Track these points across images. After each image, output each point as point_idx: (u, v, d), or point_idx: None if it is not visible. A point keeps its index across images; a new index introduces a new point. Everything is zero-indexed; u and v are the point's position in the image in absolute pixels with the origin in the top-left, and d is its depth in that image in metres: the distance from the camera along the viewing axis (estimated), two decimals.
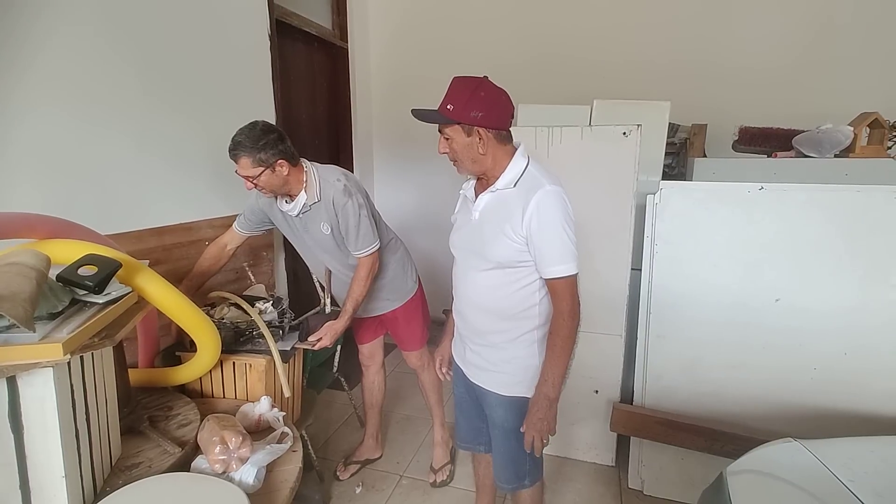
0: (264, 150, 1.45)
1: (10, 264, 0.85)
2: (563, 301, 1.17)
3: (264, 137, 1.45)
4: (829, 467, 0.96)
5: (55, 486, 0.95)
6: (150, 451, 1.23)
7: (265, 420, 1.43)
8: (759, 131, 2.00)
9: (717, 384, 1.82)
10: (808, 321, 1.70)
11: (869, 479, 0.92)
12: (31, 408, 0.91)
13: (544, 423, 1.20)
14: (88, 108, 1.58)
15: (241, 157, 1.46)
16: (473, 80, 1.14)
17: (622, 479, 2.01)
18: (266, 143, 1.45)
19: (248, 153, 1.44)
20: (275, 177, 1.49)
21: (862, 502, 0.84)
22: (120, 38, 1.66)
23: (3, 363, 0.81)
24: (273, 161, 1.47)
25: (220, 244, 1.73)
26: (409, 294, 1.89)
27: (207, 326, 1.33)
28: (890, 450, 1.08)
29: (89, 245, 1.13)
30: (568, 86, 2.91)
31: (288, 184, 1.55)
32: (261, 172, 1.46)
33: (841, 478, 0.92)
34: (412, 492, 1.97)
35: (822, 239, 1.66)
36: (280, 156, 1.48)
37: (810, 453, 1.04)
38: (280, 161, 1.48)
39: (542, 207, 1.13)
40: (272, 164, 1.47)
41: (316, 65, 3.02)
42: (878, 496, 0.86)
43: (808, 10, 2.58)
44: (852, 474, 0.93)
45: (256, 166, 1.46)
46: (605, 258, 1.95)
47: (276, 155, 1.47)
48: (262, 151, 1.45)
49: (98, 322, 0.96)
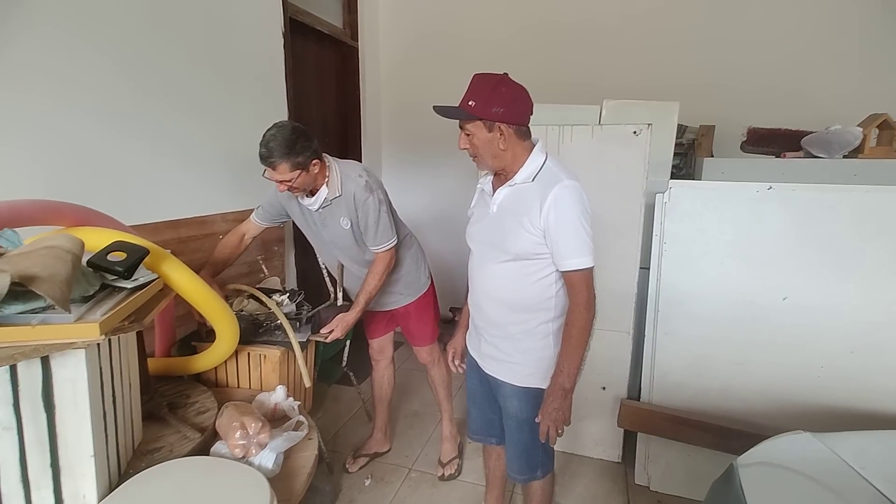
0: (301, 154, 1.45)
1: (48, 247, 0.88)
2: (579, 293, 1.19)
3: (298, 141, 1.45)
4: (842, 457, 0.97)
5: (84, 465, 0.97)
6: (171, 437, 1.26)
7: (281, 409, 1.46)
8: (767, 132, 2.02)
9: (724, 381, 1.84)
10: (815, 319, 1.72)
11: (882, 469, 0.94)
12: (64, 388, 0.93)
13: (560, 413, 1.22)
14: (110, 105, 1.62)
15: (278, 164, 1.44)
16: (495, 76, 1.17)
17: (629, 475, 2.03)
18: (301, 146, 1.45)
19: (286, 159, 1.44)
20: (309, 176, 1.51)
21: (877, 489, 0.86)
22: (139, 36, 1.70)
23: (42, 341, 0.83)
24: (308, 162, 1.48)
25: (238, 233, 1.75)
26: (423, 289, 1.91)
27: (228, 315, 1.36)
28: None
29: (116, 233, 1.15)
30: (577, 86, 2.93)
31: (316, 179, 1.57)
32: (298, 175, 1.47)
33: (855, 467, 0.93)
34: (421, 485, 1.99)
35: (831, 238, 1.68)
36: (313, 156, 1.50)
37: (823, 444, 1.05)
38: (314, 161, 1.50)
39: (559, 201, 1.15)
40: (307, 165, 1.49)
41: (327, 63, 3.05)
42: (891, 484, 0.88)
43: (817, 10, 2.60)
44: (865, 464, 0.95)
45: (294, 170, 1.46)
46: (614, 256, 1.97)
47: (311, 156, 1.49)
48: (300, 155, 1.45)
49: (128, 306, 0.99)
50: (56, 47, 1.45)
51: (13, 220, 1.01)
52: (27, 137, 1.40)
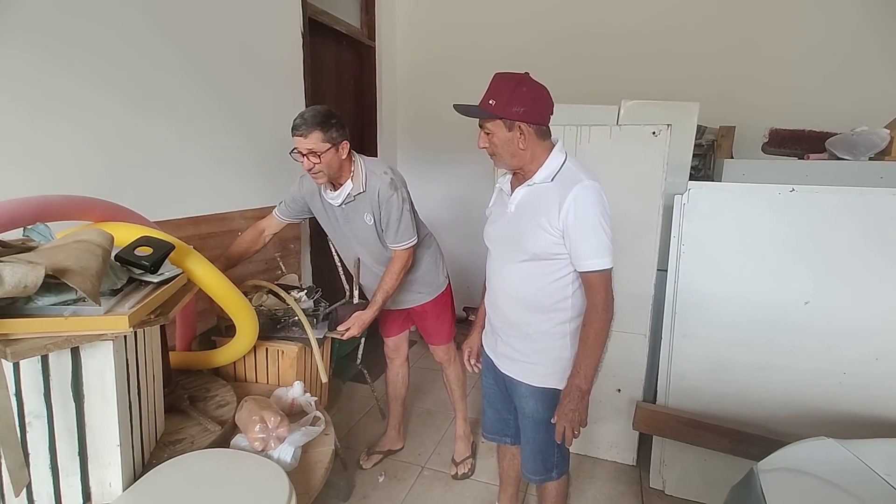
0: (335, 129, 1.50)
1: (80, 241, 0.90)
2: (597, 294, 1.19)
3: (333, 118, 1.52)
4: (867, 464, 0.96)
5: (110, 454, 1.00)
6: (192, 429, 1.28)
7: (298, 404, 1.47)
8: (789, 133, 1.99)
9: (743, 385, 1.81)
10: (839, 324, 1.69)
11: None
12: (92, 378, 0.95)
13: (576, 414, 1.22)
14: (136, 104, 1.66)
15: (312, 132, 1.47)
16: (515, 75, 1.17)
17: (643, 479, 2.02)
18: (336, 122, 1.51)
19: (321, 128, 1.48)
20: (336, 157, 1.53)
21: None
22: (165, 36, 1.73)
23: (74, 333, 0.86)
24: (339, 140, 1.52)
25: (258, 228, 1.78)
26: (440, 289, 1.92)
27: (248, 310, 1.38)
28: None
29: (143, 228, 1.18)
30: (595, 85, 2.91)
31: (342, 168, 1.58)
32: (328, 149, 1.50)
33: (881, 474, 0.92)
34: (434, 483, 2.00)
35: (855, 242, 1.64)
36: (344, 137, 1.54)
37: (847, 451, 1.03)
38: (344, 143, 1.53)
39: (579, 201, 1.15)
40: (339, 143, 1.52)
41: (344, 62, 3.07)
42: None
43: (842, 11, 2.55)
44: (892, 471, 0.93)
45: (325, 142, 1.49)
46: (631, 258, 1.95)
47: (343, 136, 1.53)
48: (334, 129, 1.50)
49: (154, 300, 1.01)
50: (88, 48, 1.48)
51: (45, 214, 1.04)
52: (59, 135, 1.44)
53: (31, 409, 0.92)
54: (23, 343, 0.83)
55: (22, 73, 1.33)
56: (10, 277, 0.76)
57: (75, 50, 1.46)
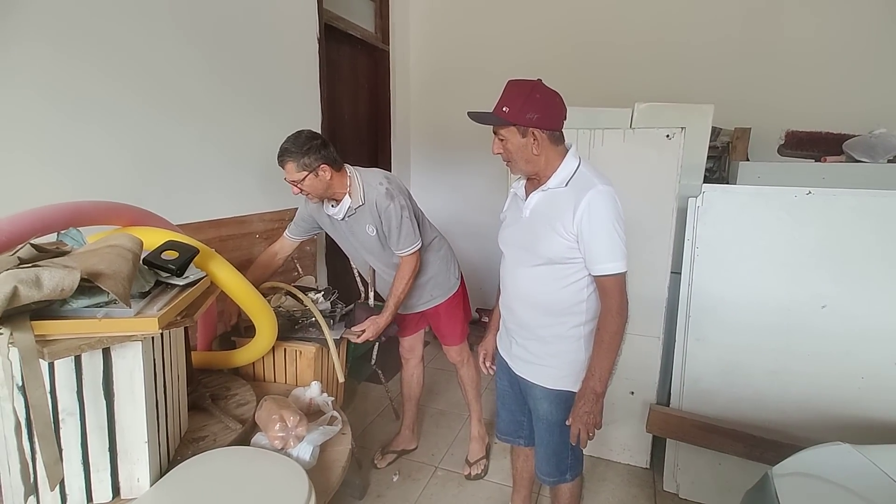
0: (307, 156, 1.53)
1: (111, 246, 0.94)
2: (611, 298, 1.20)
3: (308, 143, 1.54)
4: (884, 470, 0.95)
5: (138, 451, 1.03)
6: (214, 427, 1.32)
7: (315, 404, 1.50)
8: (806, 135, 1.97)
9: (758, 390, 1.80)
10: (857, 328, 1.67)
11: None
12: (122, 378, 0.99)
13: (591, 416, 1.23)
14: (160, 112, 1.71)
15: (287, 163, 1.55)
16: (528, 82, 1.19)
17: (656, 482, 2.02)
18: (309, 148, 1.54)
19: (293, 158, 1.53)
20: (318, 181, 1.57)
21: None
22: (187, 47, 1.78)
23: (106, 334, 0.90)
24: (316, 166, 1.55)
25: (270, 253, 1.83)
26: (452, 290, 1.94)
27: (267, 312, 1.41)
28: None
29: (168, 232, 1.22)
30: (608, 87, 2.92)
31: (332, 188, 1.62)
32: (305, 177, 1.55)
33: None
34: (447, 483, 2.02)
35: (873, 246, 1.63)
36: (322, 160, 1.55)
37: (863, 456, 1.03)
38: (322, 165, 1.56)
39: (593, 206, 1.16)
40: (315, 168, 1.55)
41: (359, 67, 3.11)
42: None
43: (859, 10, 2.51)
44: None
45: (301, 171, 1.54)
46: (645, 261, 1.95)
47: (319, 160, 1.55)
48: (306, 156, 1.53)
49: (181, 303, 1.05)
50: (117, 55, 1.54)
51: (77, 219, 1.08)
52: (88, 139, 1.49)
53: (65, 407, 0.96)
54: (59, 343, 0.87)
55: (53, 79, 1.39)
56: (48, 281, 0.80)
57: (105, 56, 1.51)
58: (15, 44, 1.29)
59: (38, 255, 0.91)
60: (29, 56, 1.33)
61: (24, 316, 0.83)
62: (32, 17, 1.33)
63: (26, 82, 1.33)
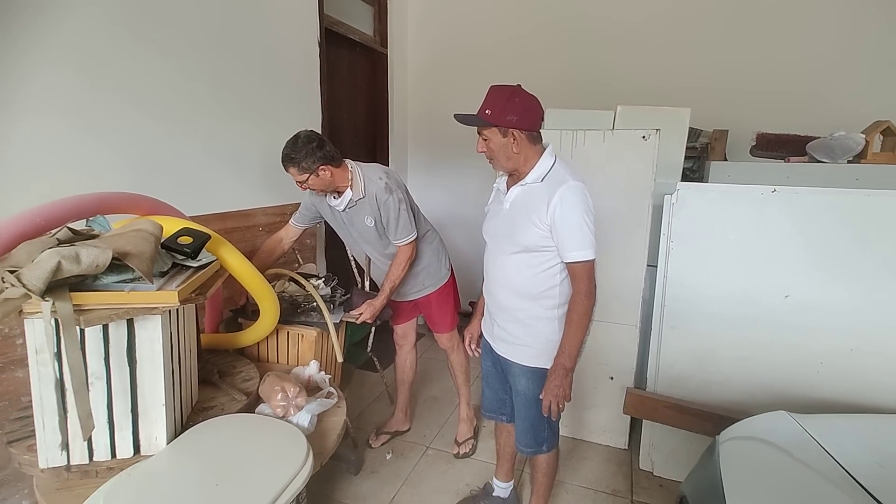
0: (306, 160, 1.66)
1: (136, 230, 1.08)
2: (580, 282, 1.33)
3: (305, 147, 1.66)
4: (809, 433, 1.08)
5: (157, 412, 1.17)
6: (222, 398, 1.46)
7: (314, 381, 1.64)
8: (774, 137, 2.10)
9: (727, 375, 1.93)
10: (817, 317, 1.79)
11: (843, 444, 1.04)
12: (143, 346, 1.13)
13: (560, 389, 1.36)
14: (170, 113, 1.84)
15: (289, 168, 1.69)
16: (509, 88, 1.32)
17: (633, 461, 2.15)
18: (306, 152, 1.66)
19: (293, 163, 1.67)
20: (320, 180, 1.71)
21: (840, 465, 0.95)
22: (195, 51, 1.91)
23: (133, 305, 1.03)
24: (315, 167, 1.68)
25: (275, 239, 1.96)
26: (443, 280, 2.07)
27: (270, 294, 1.55)
28: (880, 424, 1.19)
29: (182, 220, 1.35)
30: (595, 90, 3.05)
31: (334, 183, 1.75)
32: (307, 178, 1.68)
33: (820, 441, 1.04)
34: (437, 461, 2.15)
35: (832, 240, 1.75)
36: (321, 161, 1.68)
37: (795, 421, 1.16)
38: (322, 166, 1.69)
39: (565, 200, 1.29)
40: (315, 169, 1.68)
41: (358, 69, 3.24)
42: (848, 456, 0.98)
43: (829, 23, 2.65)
44: (828, 440, 1.05)
45: (302, 173, 1.68)
46: (623, 254, 2.09)
47: (317, 161, 1.67)
48: (305, 160, 1.66)
49: (194, 282, 1.18)
50: (128, 65, 1.67)
51: (103, 208, 1.22)
52: (107, 142, 1.62)
53: (94, 371, 1.10)
54: (92, 313, 1.00)
55: (72, 91, 1.51)
56: (85, 258, 0.94)
57: (117, 67, 1.64)
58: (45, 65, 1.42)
59: (73, 237, 1.04)
60: (58, 80, 1.47)
61: (63, 288, 0.96)
62: (57, 39, 1.45)
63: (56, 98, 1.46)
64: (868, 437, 1.11)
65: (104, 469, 1.14)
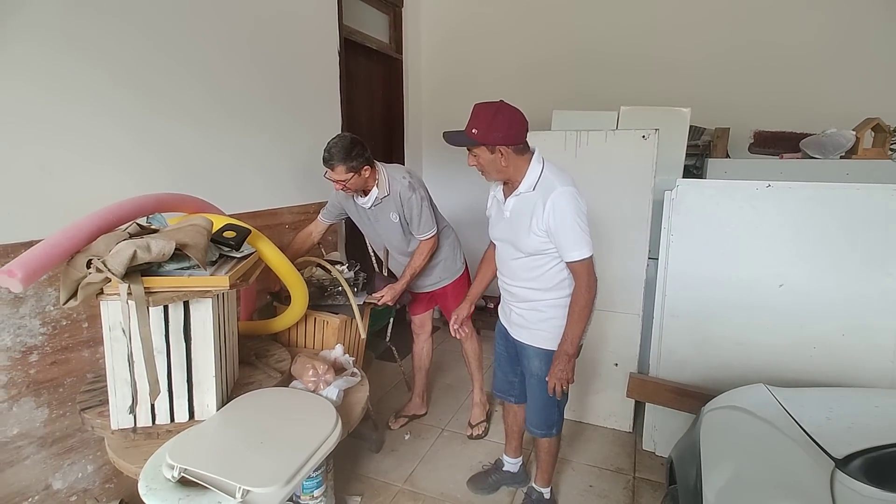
0: (355, 160, 1.81)
1: (192, 225, 1.25)
2: (581, 279, 1.46)
3: (354, 149, 1.81)
4: (781, 403, 1.20)
5: (208, 382, 1.35)
6: (259, 376, 1.63)
7: (339, 362, 1.81)
8: (771, 135, 2.20)
9: (725, 360, 2.04)
10: (809, 304, 1.90)
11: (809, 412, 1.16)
12: (197, 325, 1.31)
13: (564, 373, 1.50)
14: (206, 123, 2.02)
15: (336, 166, 1.81)
16: (493, 105, 1.42)
17: (637, 442, 2.27)
18: (356, 153, 1.81)
19: (342, 162, 1.80)
20: (360, 179, 1.86)
21: (801, 427, 1.08)
22: (226, 63, 2.10)
23: (191, 288, 1.21)
24: (360, 167, 1.83)
25: (306, 232, 2.14)
26: (458, 273, 2.24)
27: (300, 282, 1.73)
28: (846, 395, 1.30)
29: (225, 217, 1.53)
30: (601, 90, 3.17)
31: (366, 182, 1.92)
32: (351, 177, 1.83)
33: (789, 410, 1.16)
34: (452, 441, 2.31)
35: (824, 231, 1.85)
36: (365, 162, 1.84)
37: (769, 393, 1.28)
38: (365, 167, 1.85)
39: (556, 206, 1.40)
40: (359, 169, 1.83)
41: (374, 74, 3.42)
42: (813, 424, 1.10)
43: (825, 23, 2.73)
44: (798, 409, 1.16)
45: (348, 172, 1.82)
46: (626, 248, 2.22)
47: (363, 162, 1.84)
48: (354, 160, 1.81)
49: (239, 270, 1.36)
50: (169, 84, 1.86)
51: (160, 206, 1.40)
52: (156, 153, 1.81)
53: (156, 346, 1.27)
54: (158, 295, 1.18)
55: (125, 108, 1.69)
56: (155, 248, 1.12)
57: (163, 92, 1.82)
58: (113, 91, 1.61)
59: (140, 231, 1.23)
60: (119, 105, 1.65)
61: (136, 273, 1.14)
62: (117, 47, 1.65)
63: (116, 119, 1.65)
64: (835, 406, 1.23)
65: (164, 431, 1.31)
